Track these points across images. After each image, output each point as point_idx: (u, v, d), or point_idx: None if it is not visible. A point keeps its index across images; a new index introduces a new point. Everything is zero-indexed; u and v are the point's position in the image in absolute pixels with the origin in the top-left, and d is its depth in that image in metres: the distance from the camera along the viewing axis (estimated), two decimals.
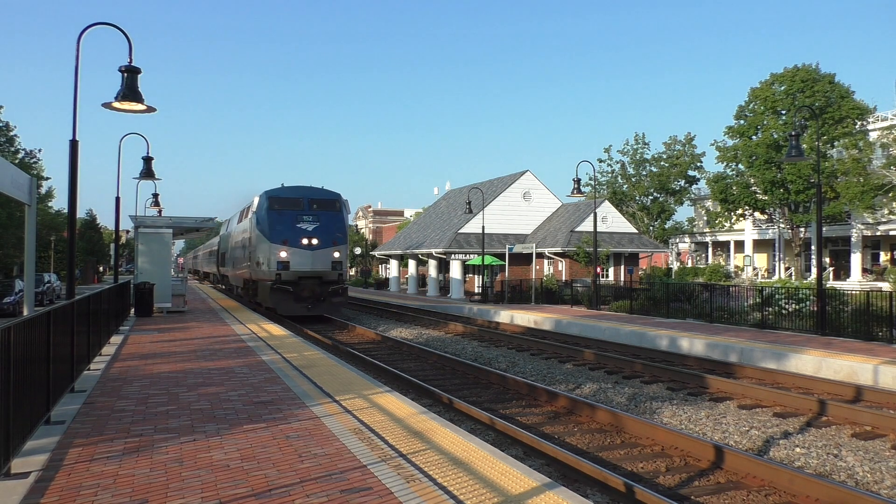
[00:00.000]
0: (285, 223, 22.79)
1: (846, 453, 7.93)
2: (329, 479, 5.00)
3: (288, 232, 22.64)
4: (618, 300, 26.43)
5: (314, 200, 23.90)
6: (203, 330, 16.13)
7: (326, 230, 23.11)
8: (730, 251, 53.89)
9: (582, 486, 6.66)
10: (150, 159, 20.34)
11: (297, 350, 12.38)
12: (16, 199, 9.05)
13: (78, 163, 10.83)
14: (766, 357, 13.79)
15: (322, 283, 22.84)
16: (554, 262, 41.37)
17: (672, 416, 9.90)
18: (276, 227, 22.77)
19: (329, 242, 23.03)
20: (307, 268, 22.63)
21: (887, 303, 16.15)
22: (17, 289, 27.83)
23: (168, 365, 10.47)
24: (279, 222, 22.84)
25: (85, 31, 11.05)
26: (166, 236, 21.35)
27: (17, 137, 42.06)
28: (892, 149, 38.02)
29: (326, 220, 23.41)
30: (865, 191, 37.32)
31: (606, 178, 59.25)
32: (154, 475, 5.07)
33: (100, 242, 69.52)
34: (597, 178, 55.94)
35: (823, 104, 40.19)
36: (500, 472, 5.16)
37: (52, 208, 51.73)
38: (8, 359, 4.76)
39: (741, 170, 45.31)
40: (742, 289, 23.50)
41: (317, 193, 24.50)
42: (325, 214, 23.52)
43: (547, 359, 15.55)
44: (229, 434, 6.29)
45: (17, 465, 5.16)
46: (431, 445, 5.91)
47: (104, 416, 6.99)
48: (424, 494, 4.65)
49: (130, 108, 10.96)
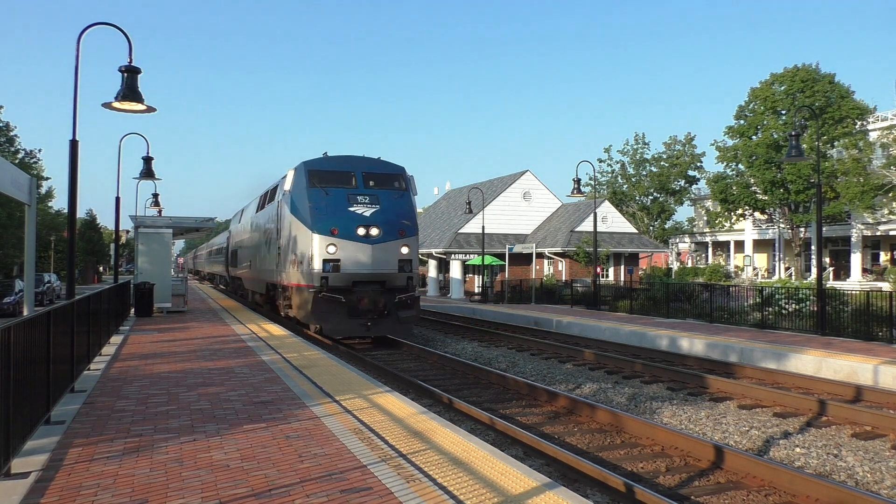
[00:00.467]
0: (333, 206, 16.68)
1: (846, 453, 7.93)
2: (329, 478, 5.00)
3: (337, 218, 16.50)
4: (618, 300, 26.43)
5: (371, 175, 17.76)
6: (203, 330, 16.13)
7: (390, 216, 16.97)
8: (730, 251, 53.89)
9: (582, 486, 6.66)
10: (150, 159, 20.37)
11: (297, 350, 12.38)
12: (16, 199, 9.05)
13: (78, 163, 10.84)
14: (766, 357, 13.79)
15: (385, 290, 16.64)
16: (554, 262, 41.38)
17: (672, 416, 9.90)
18: (320, 212, 16.58)
19: (394, 233, 16.83)
20: (366, 268, 16.46)
21: (887, 303, 16.16)
22: (17, 289, 27.85)
23: (168, 365, 10.47)
24: (325, 205, 16.71)
25: (85, 31, 11.06)
26: (166, 236, 21.34)
27: (17, 137, 42.16)
28: (892, 149, 38.01)
29: (389, 201, 17.25)
30: (865, 191, 37.32)
31: (606, 178, 59.30)
32: (154, 475, 5.07)
33: (100, 242, 69.56)
34: (597, 178, 56.03)
35: (823, 104, 40.19)
36: (500, 472, 5.16)
37: (52, 208, 51.80)
38: (8, 359, 4.76)
39: (741, 170, 45.33)
40: (742, 289, 23.52)
41: (373, 165, 18.28)
42: (386, 195, 17.39)
43: (547, 359, 15.54)
44: (229, 434, 6.29)
45: (18, 465, 5.16)
46: (431, 445, 5.91)
47: (104, 416, 6.99)
48: (424, 494, 4.65)
49: (130, 108, 10.97)
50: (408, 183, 18.16)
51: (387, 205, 17.08)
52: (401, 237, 16.91)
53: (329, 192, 16.89)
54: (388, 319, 16.67)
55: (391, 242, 16.73)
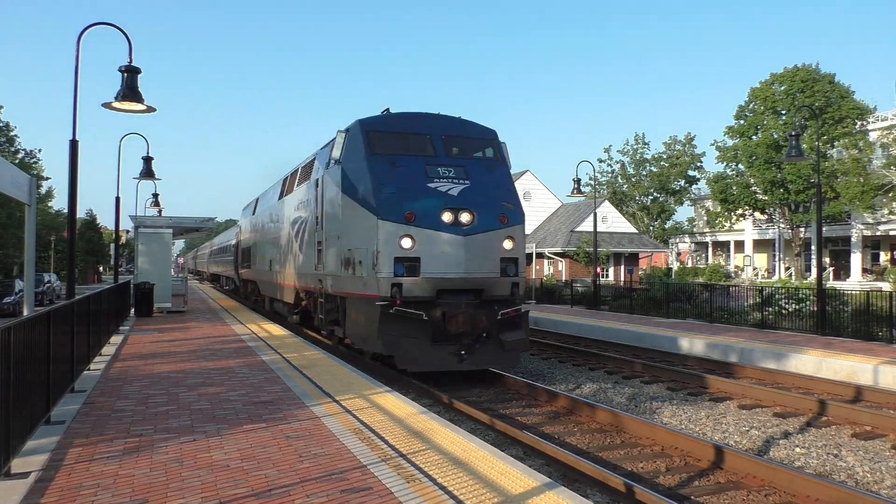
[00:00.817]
0: (407, 182, 11.80)
1: (846, 453, 7.93)
2: (329, 478, 5.00)
3: (414, 198, 11.57)
4: (618, 300, 26.44)
5: (453, 140, 12.94)
6: (203, 330, 16.13)
7: (487, 195, 12.06)
8: (730, 251, 53.92)
9: (582, 486, 6.65)
10: (150, 159, 20.41)
11: (297, 350, 12.38)
12: (16, 199, 9.05)
13: (78, 163, 10.85)
14: (766, 357, 13.79)
15: (482, 302, 11.69)
16: (554, 261, 41.38)
17: (672, 416, 9.90)
18: (388, 190, 11.63)
19: (494, 219, 11.86)
20: (456, 271, 11.42)
21: (887, 303, 16.16)
22: (17, 289, 27.86)
23: (168, 365, 10.47)
24: (394, 180, 11.78)
25: (85, 31, 11.07)
26: (166, 236, 21.36)
27: (17, 137, 42.21)
28: (892, 149, 38.04)
29: (481, 175, 12.35)
30: (865, 191, 37.36)
31: (606, 178, 59.37)
32: (154, 475, 5.07)
33: (100, 242, 69.59)
34: (597, 178, 56.05)
35: (823, 104, 40.22)
36: (500, 472, 5.16)
37: (52, 208, 51.82)
38: (8, 359, 4.77)
39: (741, 170, 45.36)
40: (742, 289, 23.52)
41: (455, 126, 13.32)
42: (477, 166, 12.55)
43: (546, 359, 15.54)
44: (229, 434, 6.29)
45: (18, 465, 5.16)
46: (431, 445, 5.92)
47: (104, 416, 6.99)
48: (424, 494, 4.65)
49: (130, 108, 10.99)
50: (503, 152, 13.18)
51: (479, 180, 12.13)
52: (503, 225, 11.86)
53: (398, 161, 11.96)
54: (488, 345, 11.57)
55: (491, 233, 11.68)
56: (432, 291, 11.32)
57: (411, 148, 12.42)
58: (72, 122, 10.81)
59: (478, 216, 11.59)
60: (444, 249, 11.37)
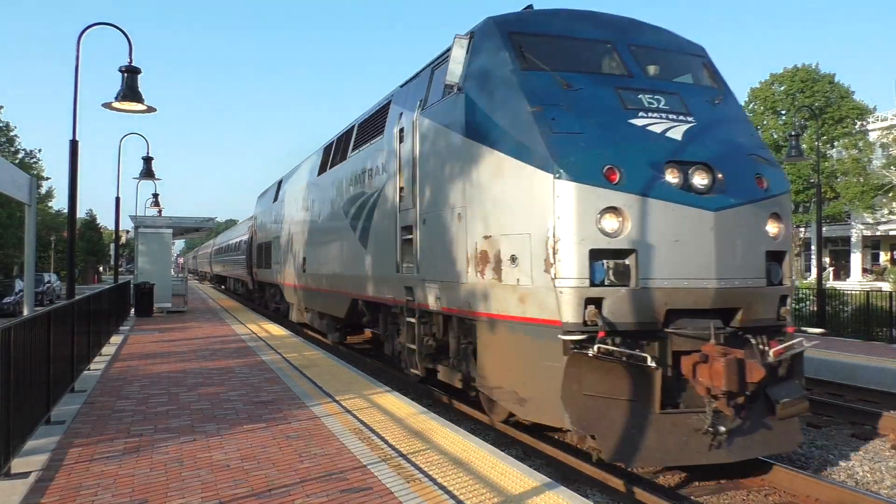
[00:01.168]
0: (592, 113, 6.85)
1: (846, 453, 7.93)
2: (329, 478, 5.00)
3: (612, 142, 6.55)
4: None
5: (647, 52, 7.99)
6: (203, 330, 16.13)
7: (726, 141, 7.14)
8: None
9: (582, 486, 6.66)
10: (150, 159, 20.42)
11: (297, 350, 12.38)
12: (16, 199, 9.05)
13: (78, 163, 10.87)
14: None
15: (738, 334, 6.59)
16: None
17: None
18: (564, 123, 6.66)
19: (749, 184, 6.83)
20: (703, 276, 6.35)
21: (887, 303, 16.17)
22: (17, 289, 27.87)
23: (168, 365, 10.47)
24: (572, 109, 6.83)
25: (85, 31, 11.09)
26: (166, 236, 21.38)
27: (17, 137, 42.23)
28: (892, 149, 38.05)
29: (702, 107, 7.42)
30: (865, 191, 37.37)
31: None
32: (154, 475, 5.07)
33: (100, 242, 69.63)
34: None
35: (823, 104, 40.23)
36: (500, 472, 5.16)
37: (52, 208, 51.85)
38: (8, 359, 4.77)
39: None
40: None
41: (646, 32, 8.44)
42: (693, 93, 7.65)
43: None
44: (229, 434, 6.29)
45: (18, 465, 5.16)
46: (431, 445, 5.92)
47: (104, 416, 6.99)
48: (424, 494, 4.65)
49: (130, 108, 11.00)
50: (720, 76, 8.38)
51: (707, 116, 7.32)
52: (764, 193, 6.89)
53: (573, 82, 7.13)
54: (753, 412, 6.47)
55: (749, 207, 6.71)
56: (658, 314, 6.30)
57: (586, 62, 7.72)
58: (72, 122, 10.83)
59: (726, 177, 6.65)
60: (678, 235, 6.35)
